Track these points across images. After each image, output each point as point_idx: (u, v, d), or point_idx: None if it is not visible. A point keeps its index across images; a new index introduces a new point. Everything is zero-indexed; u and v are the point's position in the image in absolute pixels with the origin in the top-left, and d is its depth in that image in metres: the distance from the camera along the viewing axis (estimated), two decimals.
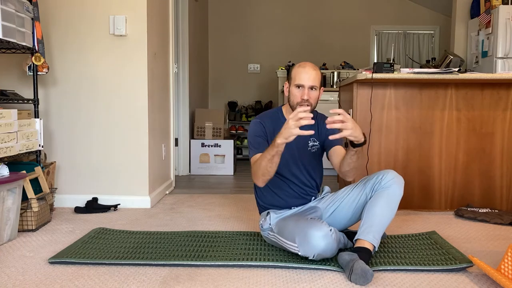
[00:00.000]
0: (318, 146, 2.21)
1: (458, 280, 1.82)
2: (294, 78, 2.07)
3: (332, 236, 1.86)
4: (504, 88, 3.04)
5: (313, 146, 2.20)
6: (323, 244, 1.83)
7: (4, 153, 2.39)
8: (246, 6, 6.56)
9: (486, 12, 4.76)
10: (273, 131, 2.12)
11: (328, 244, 1.85)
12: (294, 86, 2.06)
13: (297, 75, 2.05)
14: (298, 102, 2.05)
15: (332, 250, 1.88)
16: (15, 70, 3.10)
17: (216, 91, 6.61)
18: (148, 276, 1.84)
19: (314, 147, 2.20)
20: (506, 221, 2.71)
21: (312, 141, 2.20)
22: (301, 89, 2.04)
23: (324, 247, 1.84)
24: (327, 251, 1.86)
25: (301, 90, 2.05)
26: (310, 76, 2.04)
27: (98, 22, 3.09)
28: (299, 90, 2.05)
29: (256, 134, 2.15)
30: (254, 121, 2.20)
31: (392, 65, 2.95)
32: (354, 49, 6.49)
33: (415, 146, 3.09)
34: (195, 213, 3.01)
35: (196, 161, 4.88)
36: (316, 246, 1.83)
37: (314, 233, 1.83)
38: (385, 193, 2.04)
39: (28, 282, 1.76)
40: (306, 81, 2.03)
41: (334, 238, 1.88)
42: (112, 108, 3.13)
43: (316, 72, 2.06)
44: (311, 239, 1.83)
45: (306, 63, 2.10)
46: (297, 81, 2.05)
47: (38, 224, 2.56)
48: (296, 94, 2.06)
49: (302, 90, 2.04)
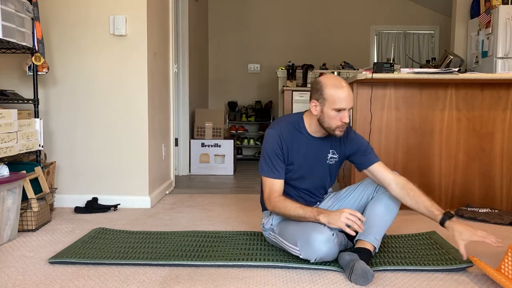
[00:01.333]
0: (337, 159, 2.13)
1: (458, 280, 1.81)
2: (332, 101, 1.90)
3: (334, 240, 1.86)
4: (504, 88, 3.04)
5: (331, 158, 2.11)
6: (325, 248, 1.83)
7: (4, 153, 2.39)
8: (246, 6, 6.56)
9: (486, 12, 4.76)
10: (291, 145, 2.03)
11: (330, 249, 1.84)
12: (332, 110, 1.91)
13: (337, 100, 1.89)
14: (338, 126, 1.93)
15: (334, 254, 1.88)
16: (15, 70, 3.10)
17: (216, 91, 6.61)
18: (148, 276, 1.83)
19: (333, 159, 2.12)
20: (506, 221, 2.71)
21: (331, 153, 2.10)
22: (342, 112, 1.91)
23: (326, 251, 1.84)
24: (329, 255, 1.86)
25: (341, 114, 1.91)
26: (351, 98, 1.92)
27: (98, 22, 3.09)
28: (339, 114, 1.91)
29: (274, 151, 2.02)
30: (271, 132, 2.05)
31: (392, 65, 2.95)
32: (354, 49, 6.49)
33: (415, 146, 3.09)
34: (195, 213, 3.01)
35: (196, 161, 4.88)
36: (318, 250, 1.83)
37: (316, 237, 1.83)
38: (387, 194, 2.04)
39: (28, 282, 1.76)
40: (348, 104, 1.91)
41: (336, 243, 1.88)
42: (112, 108, 3.13)
43: (351, 91, 1.94)
44: (313, 243, 1.83)
45: (340, 81, 1.94)
46: (338, 106, 1.90)
47: (38, 224, 2.56)
48: (334, 117, 1.92)
49: (342, 113, 1.91)
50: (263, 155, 2.06)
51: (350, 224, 1.79)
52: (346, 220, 1.78)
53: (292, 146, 2.04)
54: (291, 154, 2.04)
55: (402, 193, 1.99)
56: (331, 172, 2.15)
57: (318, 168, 2.11)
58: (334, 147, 2.10)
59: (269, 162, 2.02)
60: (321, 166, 2.11)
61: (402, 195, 2.00)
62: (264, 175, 2.04)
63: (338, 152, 2.12)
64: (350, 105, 1.92)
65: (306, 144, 2.05)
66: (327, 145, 2.09)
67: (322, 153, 2.09)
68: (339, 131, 1.96)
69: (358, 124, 3.05)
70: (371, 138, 3.03)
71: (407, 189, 1.99)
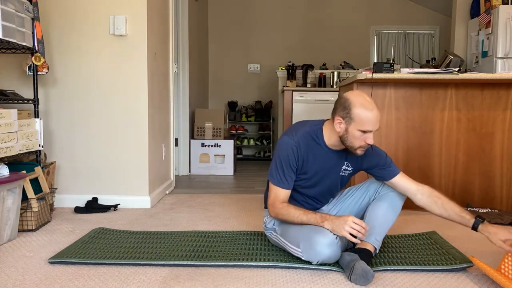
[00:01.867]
0: (350, 172, 2.10)
1: (458, 280, 1.81)
2: (360, 123, 1.84)
3: (338, 244, 1.85)
4: (504, 88, 3.04)
5: (345, 170, 2.07)
6: (328, 252, 1.83)
7: (4, 153, 2.39)
8: (246, 6, 6.56)
9: (486, 12, 4.76)
10: (306, 156, 1.98)
11: (333, 252, 1.84)
12: (358, 130, 1.85)
13: (366, 122, 1.83)
14: (362, 146, 1.89)
15: (336, 257, 1.87)
16: (15, 70, 3.10)
17: (216, 91, 6.61)
18: (148, 276, 1.83)
19: (346, 171, 2.07)
20: (506, 221, 2.71)
21: (345, 166, 2.06)
22: (367, 134, 1.86)
23: (329, 254, 1.83)
24: (331, 258, 1.86)
25: (366, 134, 1.86)
26: (378, 120, 1.86)
27: (98, 22, 3.09)
28: (364, 135, 1.86)
29: (289, 162, 1.96)
30: (288, 141, 1.97)
31: (392, 65, 2.95)
32: (354, 49, 6.50)
33: (415, 146, 3.09)
34: (195, 213, 3.01)
35: (196, 161, 4.88)
36: (321, 253, 1.83)
37: (319, 240, 1.82)
38: (389, 196, 2.04)
39: (28, 282, 1.76)
40: (375, 127, 1.86)
41: (339, 246, 1.87)
42: (112, 108, 3.13)
43: (379, 112, 1.88)
44: (316, 246, 1.82)
45: (370, 102, 1.85)
46: (365, 128, 1.84)
47: (38, 224, 2.56)
48: (359, 137, 1.87)
49: (368, 135, 1.86)
50: (275, 162, 2.00)
51: (355, 234, 1.79)
52: (350, 229, 1.79)
53: (307, 157, 1.99)
54: (306, 164, 2.00)
55: (429, 201, 1.99)
56: (342, 182, 2.13)
57: (330, 178, 2.07)
58: (349, 160, 2.05)
59: (281, 171, 1.98)
60: (334, 177, 2.07)
61: (429, 204, 1.99)
62: (273, 183, 2.01)
63: (353, 165, 2.07)
64: (377, 127, 1.87)
65: (322, 155, 2.01)
66: (342, 157, 2.04)
67: (337, 165, 2.05)
68: (361, 151, 1.92)
69: None
70: None
71: (434, 197, 1.98)
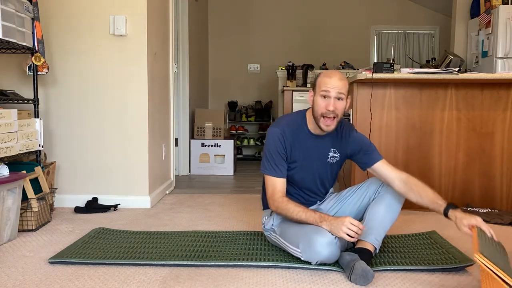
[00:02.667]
0: (338, 158, 2.12)
1: (458, 279, 1.82)
2: (319, 87, 1.96)
3: (337, 244, 1.85)
4: (504, 88, 3.04)
5: (333, 157, 2.11)
6: (327, 252, 1.83)
7: (4, 153, 2.39)
8: (246, 6, 6.56)
9: (486, 12, 4.76)
10: (293, 143, 2.04)
11: (332, 252, 1.84)
12: (320, 96, 1.95)
13: (323, 84, 1.94)
14: (323, 113, 1.94)
15: (335, 257, 1.88)
16: (15, 70, 3.10)
17: (216, 91, 6.61)
18: (148, 276, 1.83)
19: (334, 158, 2.11)
20: (506, 221, 2.71)
21: (332, 152, 2.10)
22: (327, 99, 1.93)
23: (328, 254, 1.83)
24: (330, 258, 1.86)
25: (326, 101, 1.93)
26: (337, 85, 1.93)
27: (98, 22, 3.09)
28: (324, 101, 1.94)
29: (277, 150, 2.02)
30: (274, 130, 2.05)
31: (392, 65, 2.95)
32: (354, 49, 6.49)
33: (415, 146, 3.09)
34: (195, 213, 3.01)
35: (196, 161, 4.87)
36: (320, 253, 1.83)
37: (318, 240, 1.82)
38: (388, 195, 2.04)
39: (28, 282, 1.76)
40: (333, 89, 1.92)
41: (339, 246, 1.87)
42: (112, 108, 3.13)
43: (344, 82, 1.95)
44: (316, 246, 1.82)
45: (332, 71, 2.01)
46: (323, 88, 1.94)
47: (38, 224, 2.56)
48: (321, 104, 1.94)
49: (327, 100, 1.93)
50: (265, 154, 2.06)
51: (352, 235, 1.80)
52: (347, 230, 1.79)
53: (294, 144, 2.04)
54: (294, 152, 2.05)
55: (406, 188, 1.99)
56: (332, 171, 2.15)
57: (319, 166, 2.11)
58: (335, 146, 2.10)
59: (271, 161, 2.02)
60: (322, 165, 2.11)
61: (406, 191, 1.99)
62: (267, 174, 2.04)
63: (339, 151, 2.11)
64: (335, 91, 1.92)
65: (308, 141, 2.06)
66: (328, 144, 2.09)
67: (323, 152, 2.09)
68: (325, 125, 1.96)
69: (358, 124, 3.05)
70: (371, 138, 3.03)
71: (411, 184, 1.99)
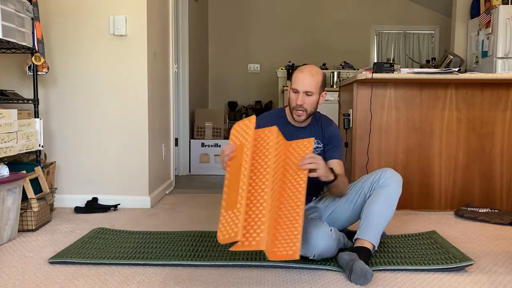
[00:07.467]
0: (322, 149, 2.14)
1: (458, 279, 1.82)
2: (292, 82, 2.04)
3: (332, 236, 1.86)
4: (504, 88, 3.04)
5: (317, 148, 2.12)
6: (323, 244, 1.84)
7: (4, 153, 2.39)
8: (246, 6, 6.56)
9: (486, 12, 4.76)
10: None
11: (328, 244, 1.85)
12: (292, 90, 2.03)
13: (295, 80, 2.02)
14: (293, 106, 2.03)
15: (332, 250, 1.88)
16: (15, 70, 3.10)
17: (216, 91, 6.60)
18: (148, 276, 1.84)
19: (318, 149, 2.13)
20: (506, 221, 2.71)
21: (316, 143, 2.12)
22: (297, 94, 2.01)
23: (324, 247, 1.84)
24: (327, 251, 1.86)
25: (296, 95, 2.01)
26: (306, 81, 1.99)
27: (98, 22, 3.09)
28: (295, 95, 2.01)
29: None
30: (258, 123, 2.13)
31: (392, 65, 2.96)
32: (354, 49, 6.49)
33: (415, 146, 3.09)
34: (195, 213, 3.01)
35: (196, 161, 4.87)
36: (315, 245, 1.84)
37: (314, 233, 1.84)
38: (384, 191, 2.03)
39: (28, 282, 1.76)
40: (301, 86, 1.99)
41: (334, 238, 1.88)
42: (112, 108, 3.13)
43: (314, 77, 2.00)
44: (311, 239, 1.83)
45: (305, 67, 2.05)
46: (293, 85, 2.02)
47: (38, 224, 2.56)
48: (292, 98, 2.03)
49: (297, 95, 2.01)
50: None
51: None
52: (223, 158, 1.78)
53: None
54: None
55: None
56: None
57: None
58: (317, 136, 2.11)
59: None
60: None
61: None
62: None
63: (321, 140, 2.14)
64: (303, 88, 1.98)
65: (290, 132, 2.05)
66: (309, 134, 2.09)
67: None
68: (296, 115, 2.04)
69: (358, 124, 3.05)
70: (371, 138, 3.03)
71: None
